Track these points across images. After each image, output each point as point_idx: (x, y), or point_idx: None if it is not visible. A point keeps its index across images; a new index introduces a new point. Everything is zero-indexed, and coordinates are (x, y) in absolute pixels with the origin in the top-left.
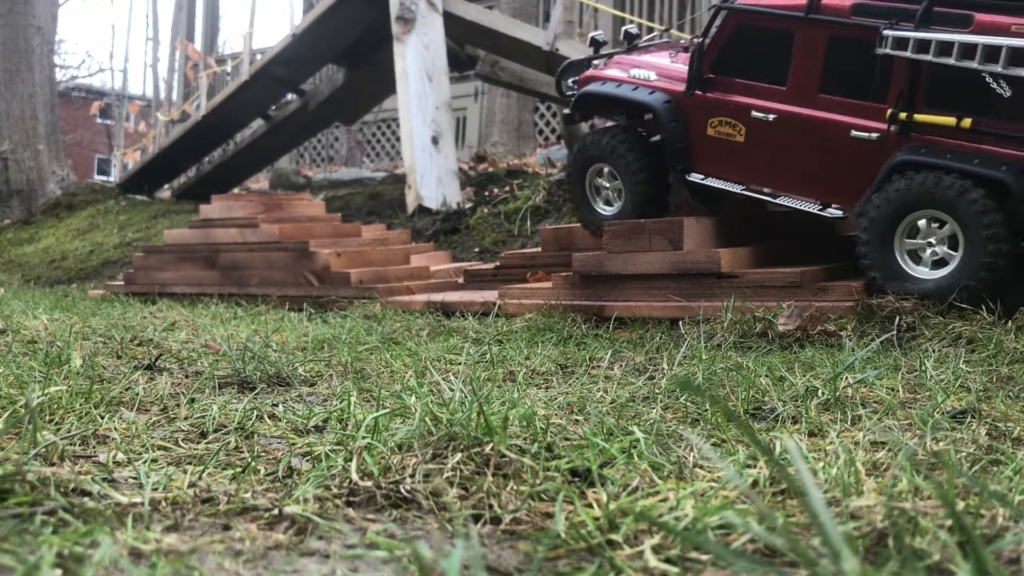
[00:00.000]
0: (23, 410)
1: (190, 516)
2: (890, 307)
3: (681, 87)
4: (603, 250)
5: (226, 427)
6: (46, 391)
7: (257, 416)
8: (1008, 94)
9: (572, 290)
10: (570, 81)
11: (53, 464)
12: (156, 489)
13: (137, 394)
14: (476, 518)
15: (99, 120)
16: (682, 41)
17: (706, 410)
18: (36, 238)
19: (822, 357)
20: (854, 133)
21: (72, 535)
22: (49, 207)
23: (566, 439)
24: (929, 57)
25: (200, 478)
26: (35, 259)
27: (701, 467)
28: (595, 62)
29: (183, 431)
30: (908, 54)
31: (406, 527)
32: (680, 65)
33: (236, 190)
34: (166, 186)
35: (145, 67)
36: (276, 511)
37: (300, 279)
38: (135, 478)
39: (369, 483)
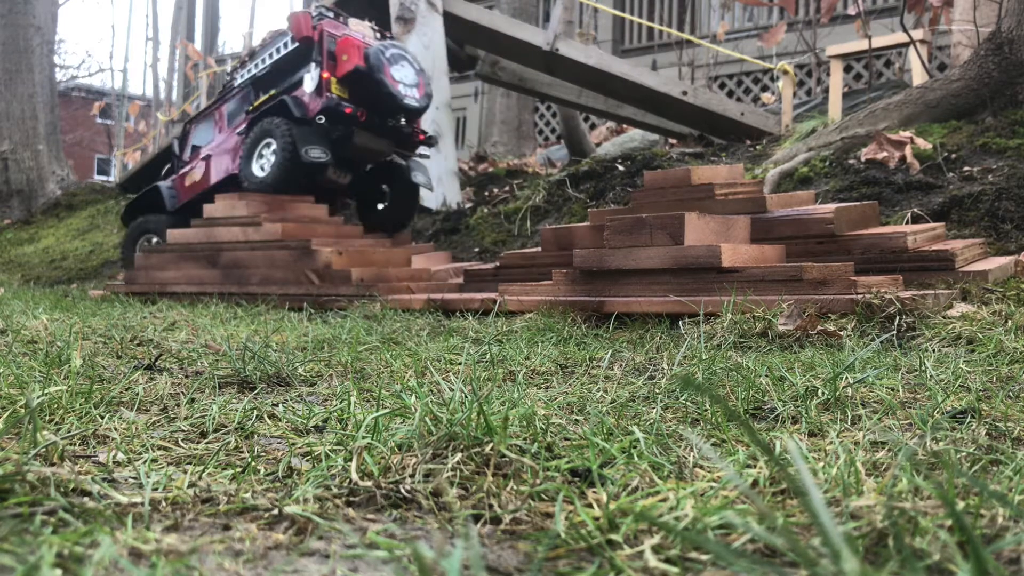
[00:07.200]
0: (23, 410)
1: (190, 516)
2: (890, 307)
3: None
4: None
5: (226, 427)
6: (46, 391)
7: (257, 416)
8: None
9: (572, 286)
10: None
11: (53, 464)
12: (156, 489)
13: (137, 394)
14: (476, 518)
15: (99, 120)
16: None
17: (706, 410)
18: (36, 238)
19: (822, 357)
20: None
21: (72, 535)
22: (49, 207)
23: (566, 439)
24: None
25: (200, 478)
26: (35, 259)
27: (701, 467)
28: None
29: (183, 431)
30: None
31: (406, 527)
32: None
33: None
34: None
35: (145, 67)
36: (276, 511)
37: (301, 278)
38: (135, 478)
39: (369, 483)
